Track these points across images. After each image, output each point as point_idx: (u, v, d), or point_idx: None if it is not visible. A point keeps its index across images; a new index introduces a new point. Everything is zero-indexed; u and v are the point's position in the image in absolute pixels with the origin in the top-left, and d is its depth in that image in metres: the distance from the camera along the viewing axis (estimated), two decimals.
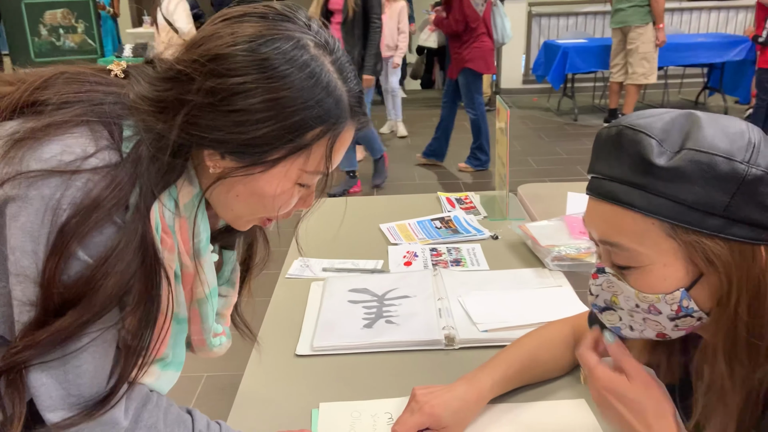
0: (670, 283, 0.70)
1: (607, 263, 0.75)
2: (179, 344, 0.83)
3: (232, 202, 0.77)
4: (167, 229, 0.73)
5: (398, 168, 5.16)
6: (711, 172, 0.65)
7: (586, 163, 4.09)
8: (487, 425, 0.98)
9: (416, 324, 1.24)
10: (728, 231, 0.66)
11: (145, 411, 0.77)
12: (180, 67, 0.70)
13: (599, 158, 0.74)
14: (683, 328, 0.73)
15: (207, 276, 0.81)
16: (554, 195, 1.94)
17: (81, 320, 0.66)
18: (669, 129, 0.68)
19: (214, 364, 2.62)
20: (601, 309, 0.79)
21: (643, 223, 0.68)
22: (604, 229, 0.73)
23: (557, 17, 7.96)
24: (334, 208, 1.95)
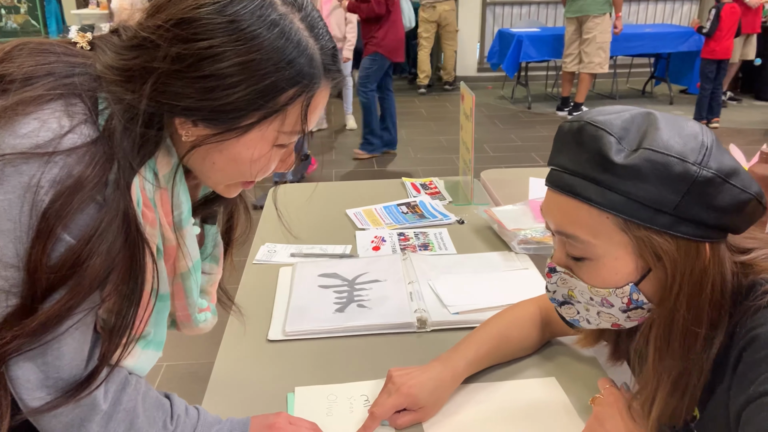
0: (620, 277, 0.74)
1: (562, 255, 0.79)
2: (161, 322, 0.81)
3: (210, 169, 0.75)
4: (148, 202, 0.71)
5: None
6: (665, 172, 0.68)
7: (540, 150, 4.19)
8: (461, 404, 0.99)
9: (388, 307, 1.25)
10: (676, 228, 0.70)
11: (125, 394, 0.75)
12: (145, 34, 0.67)
13: (560, 151, 0.77)
14: (635, 318, 0.78)
15: (189, 249, 0.79)
16: (516, 180, 1.97)
17: (70, 303, 0.64)
18: (628, 127, 0.71)
19: (174, 353, 2.59)
20: (560, 303, 0.83)
21: (598, 216, 0.72)
22: (561, 221, 0.76)
23: (511, 6, 8.05)
24: (300, 193, 1.94)
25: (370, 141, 5.00)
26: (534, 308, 1.12)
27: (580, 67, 6.04)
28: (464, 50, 8.02)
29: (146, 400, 0.79)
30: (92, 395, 0.71)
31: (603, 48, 5.90)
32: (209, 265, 0.93)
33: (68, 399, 0.68)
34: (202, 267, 0.91)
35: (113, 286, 0.69)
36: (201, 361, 2.41)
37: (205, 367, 1.11)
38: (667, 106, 6.67)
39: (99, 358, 0.71)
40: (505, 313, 1.12)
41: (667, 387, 0.75)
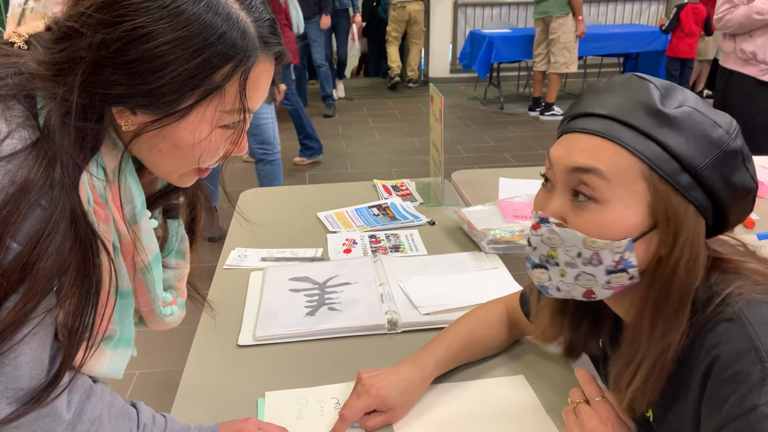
0: (624, 227, 0.72)
1: (563, 201, 0.76)
2: (126, 320, 0.79)
3: (157, 157, 0.73)
4: (99, 199, 0.70)
5: (330, 157, 5.14)
6: (701, 131, 0.70)
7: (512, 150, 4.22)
8: (431, 405, 1.00)
9: (359, 310, 1.25)
10: (691, 193, 0.71)
11: (89, 404, 0.74)
12: (69, 23, 0.66)
13: (588, 100, 0.76)
14: (614, 286, 0.76)
15: (147, 243, 0.77)
16: (486, 181, 1.99)
17: (25, 309, 0.63)
18: (670, 88, 0.74)
19: (146, 360, 2.56)
20: (534, 265, 0.80)
21: (626, 159, 0.71)
22: (582, 157, 0.73)
23: (482, 7, 8.11)
24: (271, 197, 1.93)
25: (308, 146, 4.94)
26: (501, 308, 1.13)
27: (548, 68, 6.13)
28: (436, 51, 8.06)
29: (112, 410, 0.78)
30: (54, 405, 0.69)
31: (567, 48, 5.98)
32: (175, 260, 0.92)
33: (30, 408, 0.67)
34: (168, 262, 0.90)
35: (68, 287, 0.67)
36: (174, 368, 2.39)
37: (178, 374, 1.10)
38: None
39: (60, 362, 0.70)
40: (473, 313, 1.13)
41: (651, 360, 0.75)
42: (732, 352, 0.67)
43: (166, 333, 0.95)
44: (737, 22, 2.88)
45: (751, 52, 2.88)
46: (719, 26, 2.99)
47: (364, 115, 6.66)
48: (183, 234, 0.92)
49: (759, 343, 0.66)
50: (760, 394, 0.64)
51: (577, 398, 0.88)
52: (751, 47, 2.88)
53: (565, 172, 0.75)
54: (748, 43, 2.90)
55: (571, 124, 0.77)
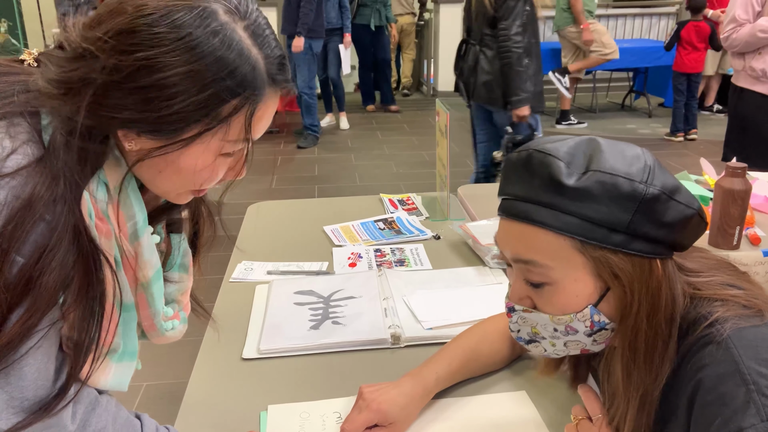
0: (581, 299, 0.76)
1: (520, 285, 0.80)
2: (129, 333, 0.81)
3: (157, 179, 0.75)
4: (101, 214, 0.71)
5: (339, 170, 5.17)
6: (614, 192, 0.71)
7: None
8: (432, 420, 1.00)
9: (362, 324, 1.26)
10: (630, 246, 0.72)
11: (94, 415, 0.75)
12: (85, 45, 0.67)
13: (510, 181, 0.78)
14: (602, 341, 0.80)
15: (149, 258, 0.79)
16: (492, 195, 1.97)
17: (29, 322, 0.64)
18: (574, 152, 0.74)
19: (153, 372, 2.57)
20: (527, 341, 0.84)
21: (555, 240, 0.73)
22: (518, 248, 0.77)
23: None
24: (278, 210, 1.95)
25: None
26: (504, 323, 1.13)
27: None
28: (444, 65, 8.09)
29: (117, 421, 0.79)
30: (59, 416, 0.70)
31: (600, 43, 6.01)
32: (178, 274, 0.93)
33: (36, 418, 0.68)
34: (171, 276, 0.91)
35: (72, 300, 0.69)
36: (180, 380, 2.39)
37: (184, 386, 1.11)
38: (646, 119, 6.78)
39: (66, 375, 0.71)
40: (475, 328, 1.14)
41: (636, 404, 0.76)
42: (717, 375, 0.68)
43: (172, 346, 0.96)
44: (743, 40, 2.88)
45: (761, 70, 2.88)
46: (726, 45, 2.99)
47: (373, 128, 6.69)
48: (186, 248, 0.93)
49: (743, 366, 0.66)
50: (745, 417, 0.64)
51: (579, 415, 0.88)
52: (760, 65, 2.88)
53: (511, 259, 0.79)
54: (757, 61, 2.90)
55: (502, 206, 0.80)
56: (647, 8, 8.27)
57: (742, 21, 2.89)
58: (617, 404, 0.79)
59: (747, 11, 2.88)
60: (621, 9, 8.38)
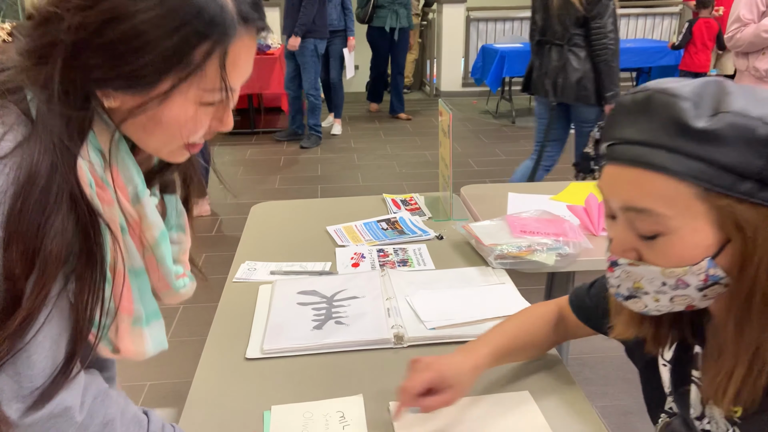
0: (698, 251, 0.69)
1: (628, 238, 0.73)
2: (146, 296, 0.81)
3: (145, 137, 0.74)
4: (100, 182, 0.71)
5: (342, 170, 5.18)
6: (749, 135, 0.65)
7: None
8: (436, 420, 1.00)
9: (365, 324, 1.26)
10: (758, 195, 0.66)
11: (102, 407, 0.76)
12: (50, 8, 0.67)
13: (622, 124, 0.72)
14: (711, 296, 0.73)
15: (153, 219, 0.79)
16: (495, 195, 2.00)
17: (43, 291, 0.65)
18: (700, 93, 0.68)
19: (157, 371, 2.58)
20: (625, 297, 0.78)
21: (675, 186, 0.67)
22: (631, 195, 0.71)
23: (494, 22, 8.14)
24: (281, 210, 1.95)
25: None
26: (553, 309, 1.12)
27: None
28: (448, 65, 8.09)
29: (125, 415, 0.79)
30: (67, 406, 0.71)
31: None
32: (177, 234, 0.92)
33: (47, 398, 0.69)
34: (170, 237, 0.90)
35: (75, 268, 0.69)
36: (184, 379, 2.40)
37: (187, 385, 1.12)
38: None
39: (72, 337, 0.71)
40: (526, 311, 1.15)
41: (745, 362, 0.71)
42: None
43: (176, 345, 0.97)
44: (747, 40, 2.87)
45: (765, 70, 2.87)
46: (730, 45, 2.99)
47: (376, 128, 6.70)
48: (181, 208, 0.93)
49: None
50: None
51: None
52: (764, 65, 2.87)
53: (620, 209, 0.73)
54: (761, 61, 2.89)
55: (612, 152, 0.73)
56: (651, 8, 8.26)
57: (746, 21, 2.88)
58: (723, 362, 0.73)
59: (752, 11, 2.88)
60: (624, 9, 8.37)
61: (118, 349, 0.79)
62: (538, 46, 3.32)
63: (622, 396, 2.37)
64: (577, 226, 1.63)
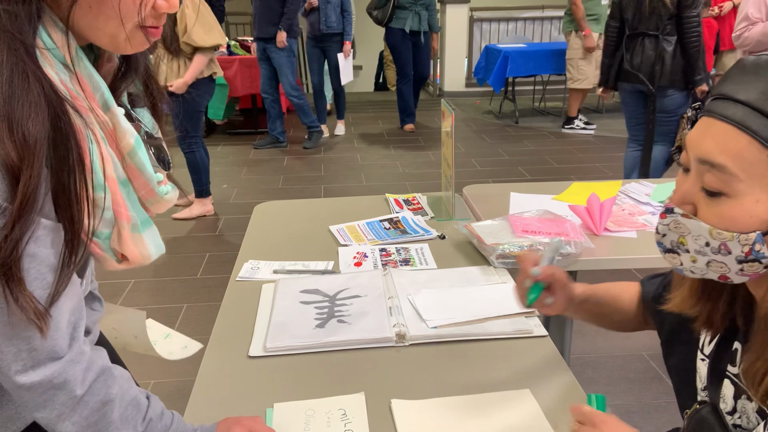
0: (753, 221, 0.69)
1: (693, 188, 0.74)
2: (135, 204, 0.82)
3: (97, 21, 0.74)
4: (72, 92, 0.72)
5: (345, 170, 5.19)
6: None
7: (527, 164, 4.25)
8: (436, 417, 1.01)
9: (367, 322, 1.27)
10: None
11: (104, 385, 0.77)
12: None
13: (733, 81, 0.73)
14: (748, 273, 0.73)
15: (125, 126, 0.79)
16: (497, 195, 2.00)
17: (34, 169, 0.66)
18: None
19: (161, 370, 2.59)
20: (666, 250, 0.79)
21: (757, 152, 0.68)
22: (712, 148, 0.71)
23: (497, 22, 8.16)
24: (284, 210, 1.96)
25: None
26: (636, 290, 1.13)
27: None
28: (451, 66, 8.11)
29: (125, 396, 0.80)
30: (68, 378, 0.73)
31: (572, 64, 6.08)
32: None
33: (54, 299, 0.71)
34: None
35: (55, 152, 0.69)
36: (187, 378, 2.41)
37: (191, 384, 1.13)
38: None
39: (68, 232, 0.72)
40: (617, 284, 1.16)
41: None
42: None
43: None
44: (755, 39, 2.87)
45: None
46: (738, 44, 2.98)
47: (380, 128, 6.71)
48: (151, 118, 0.93)
49: None
50: None
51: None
52: None
53: (695, 160, 0.73)
54: None
55: (711, 106, 0.73)
56: None
57: (754, 19, 2.88)
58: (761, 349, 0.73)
59: (760, 10, 2.87)
60: None
61: (123, 256, 0.81)
62: (630, 39, 3.54)
63: (625, 396, 2.38)
64: (578, 226, 1.64)
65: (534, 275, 1.04)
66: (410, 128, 6.53)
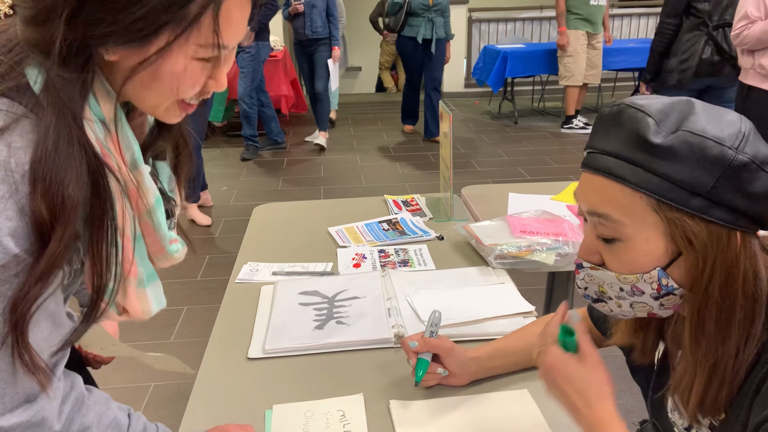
0: (650, 260, 0.74)
1: (591, 238, 0.79)
2: (144, 260, 0.84)
3: (142, 94, 0.76)
4: (104, 150, 0.73)
5: (344, 171, 5.19)
6: (701, 154, 0.68)
7: (526, 164, 4.25)
8: (434, 418, 1.01)
9: (366, 324, 1.27)
10: (709, 212, 0.70)
11: (79, 414, 0.77)
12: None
13: (598, 134, 0.77)
14: (669, 306, 0.77)
15: (149, 186, 0.81)
16: (496, 196, 2.01)
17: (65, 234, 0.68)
18: (667, 111, 0.72)
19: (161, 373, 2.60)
20: (594, 300, 0.83)
21: (631, 196, 0.72)
22: (594, 201, 0.76)
23: (496, 22, 8.16)
24: (284, 212, 1.96)
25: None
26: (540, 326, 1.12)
27: None
28: (450, 66, 8.09)
29: (102, 420, 0.80)
30: (45, 416, 0.72)
31: (560, 61, 6.10)
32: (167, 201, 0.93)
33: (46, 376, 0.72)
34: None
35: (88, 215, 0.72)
36: (187, 380, 2.42)
37: (191, 386, 1.13)
38: None
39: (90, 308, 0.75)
40: (543, 318, 1.16)
41: (704, 376, 0.74)
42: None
43: (179, 346, 0.98)
44: (755, 37, 2.87)
45: None
46: (737, 42, 2.98)
47: (379, 129, 6.72)
48: (170, 174, 0.94)
49: None
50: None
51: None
52: None
53: (586, 213, 0.79)
54: (766, 59, 2.89)
55: (586, 160, 0.78)
56: (652, 8, 8.26)
57: (754, 18, 2.88)
58: (683, 371, 0.77)
59: (759, 8, 2.87)
60: (626, 9, 8.38)
61: (125, 310, 0.82)
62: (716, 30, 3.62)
63: (624, 395, 2.38)
64: (576, 226, 1.64)
65: (412, 348, 1.05)
66: (409, 129, 6.51)
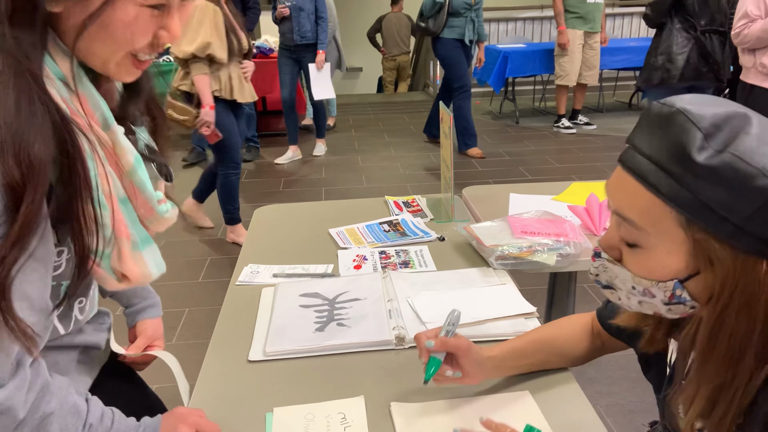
0: (668, 271, 0.72)
1: (614, 236, 0.77)
2: (135, 222, 0.83)
3: (94, 47, 0.75)
4: (73, 110, 0.73)
5: (346, 172, 5.19)
6: (744, 182, 0.64)
7: (528, 164, 4.24)
8: (435, 419, 1.01)
9: (367, 325, 1.27)
10: (738, 239, 0.66)
11: (43, 401, 0.77)
12: None
13: (642, 132, 0.73)
14: (676, 312, 0.76)
15: (125, 144, 0.80)
16: (497, 196, 2.00)
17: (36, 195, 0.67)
18: (720, 124, 0.67)
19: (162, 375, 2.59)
20: (604, 286, 0.82)
21: (661, 208, 0.70)
22: (622, 202, 0.74)
23: (497, 22, 8.15)
24: (285, 213, 1.96)
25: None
26: (589, 318, 1.12)
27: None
28: None
29: (63, 406, 0.80)
30: (11, 405, 0.73)
31: (556, 61, 6.10)
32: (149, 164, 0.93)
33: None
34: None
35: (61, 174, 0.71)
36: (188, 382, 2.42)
37: (192, 388, 1.13)
38: None
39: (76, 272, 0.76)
40: (559, 320, 1.15)
41: (707, 393, 0.72)
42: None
43: (180, 348, 0.98)
44: (755, 36, 2.86)
45: None
46: (737, 42, 2.98)
47: (380, 130, 6.72)
48: (148, 138, 0.93)
49: None
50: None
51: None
52: None
53: (612, 210, 0.77)
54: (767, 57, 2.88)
55: (624, 154, 0.75)
56: None
57: (754, 17, 2.87)
58: (690, 381, 0.75)
59: (759, 7, 2.87)
60: (627, 8, 8.37)
61: (123, 275, 0.82)
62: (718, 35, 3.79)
63: (627, 395, 2.37)
64: (577, 227, 1.64)
65: (428, 347, 1.00)
66: (476, 153, 5.50)
